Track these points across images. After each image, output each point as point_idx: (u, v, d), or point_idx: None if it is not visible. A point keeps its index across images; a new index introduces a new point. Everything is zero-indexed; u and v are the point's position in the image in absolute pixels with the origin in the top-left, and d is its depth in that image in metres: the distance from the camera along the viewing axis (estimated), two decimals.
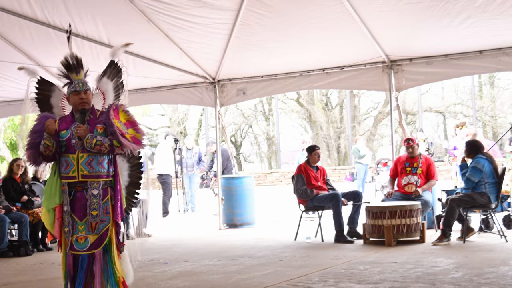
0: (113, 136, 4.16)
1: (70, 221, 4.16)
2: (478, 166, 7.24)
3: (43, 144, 4.12)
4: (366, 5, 7.17)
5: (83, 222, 4.17)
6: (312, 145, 8.64)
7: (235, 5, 7.35)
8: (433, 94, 25.88)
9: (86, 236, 4.16)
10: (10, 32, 8.13)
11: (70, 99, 4.25)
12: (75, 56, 4.33)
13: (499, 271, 5.34)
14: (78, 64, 4.31)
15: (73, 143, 4.16)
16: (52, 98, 4.46)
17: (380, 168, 15.16)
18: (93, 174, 4.18)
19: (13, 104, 10.79)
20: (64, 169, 4.17)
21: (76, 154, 4.15)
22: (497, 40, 7.67)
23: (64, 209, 4.17)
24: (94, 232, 4.17)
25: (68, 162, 4.16)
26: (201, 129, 28.45)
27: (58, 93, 4.46)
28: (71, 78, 4.29)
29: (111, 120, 4.17)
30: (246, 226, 10.03)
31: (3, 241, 7.79)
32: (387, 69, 8.56)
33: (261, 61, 8.89)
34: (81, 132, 4.14)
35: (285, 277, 5.52)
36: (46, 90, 4.46)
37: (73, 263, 4.17)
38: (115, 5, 7.35)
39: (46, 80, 4.48)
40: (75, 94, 4.22)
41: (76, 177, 4.15)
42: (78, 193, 4.17)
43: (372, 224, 7.37)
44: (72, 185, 4.17)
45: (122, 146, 4.16)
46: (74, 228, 4.17)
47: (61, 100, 4.45)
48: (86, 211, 4.16)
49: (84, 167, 4.15)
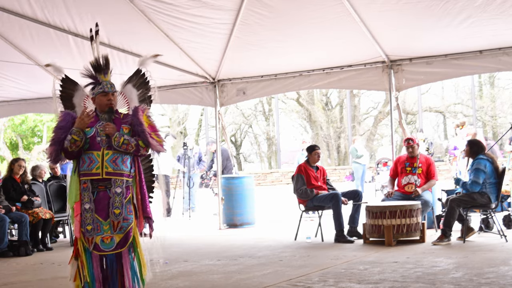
0: (140, 136, 4.23)
1: (95, 219, 4.14)
2: (480, 167, 7.23)
3: (69, 139, 4.10)
4: (366, 5, 7.17)
5: (107, 222, 4.17)
6: (312, 145, 8.64)
7: (235, 5, 7.35)
8: (433, 94, 25.89)
9: (112, 236, 4.17)
10: (10, 32, 8.13)
11: (97, 99, 4.28)
12: (104, 57, 4.36)
13: (499, 271, 5.34)
14: (106, 66, 4.34)
15: (98, 141, 4.18)
16: (74, 97, 4.47)
17: (380, 168, 15.16)
18: (117, 172, 4.19)
19: (13, 104, 10.80)
20: (87, 166, 4.16)
21: (101, 151, 4.18)
22: (497, 40, 7.67)
23: (86, 207, 4.15)
24: (117, 231, 4.17)
25: (92, 158, 4.16)
26: (201, 129, 28.45)
27: (81, 92, 4.47)
28: (99, 79, 4.32)
29: (141, 119, 4.24)
30: (246, 226, 10.03)
31: (3, 241, 7.79)
32: (387, 69, 8.56)
33: (261, 61, 8.89)
34: (110, 130, 4.17)
35: (285, 277, 5.52)
36: (70, 89, 4.47)
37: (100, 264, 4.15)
38: (115, 5, 7.35)
39: (70, 79, 4.48)
40: (103, 95, 4.26)
41: (100, 174, 4.16)
42: (101, 193, 4.17)
43: (372, 224, 7.37)
44: (94, 184, 4.16)
45: (149, 146, 4.24)
46: (99, 228, 4.15)
47: (84, 99, 4.46)
48: (109, 209, 4.16)
49: (109, 164, 4.17)
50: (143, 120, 4.24)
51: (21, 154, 20.66)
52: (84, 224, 4.15)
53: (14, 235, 8.65)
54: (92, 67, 4.33)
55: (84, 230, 4.15)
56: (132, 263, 4.25)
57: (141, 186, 4.32)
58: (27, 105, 10.78)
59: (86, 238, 4.15)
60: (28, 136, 22.01)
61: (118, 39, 8.27)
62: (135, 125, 4.26)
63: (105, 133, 4.18)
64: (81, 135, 4.13)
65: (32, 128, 21.61)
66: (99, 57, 4.34)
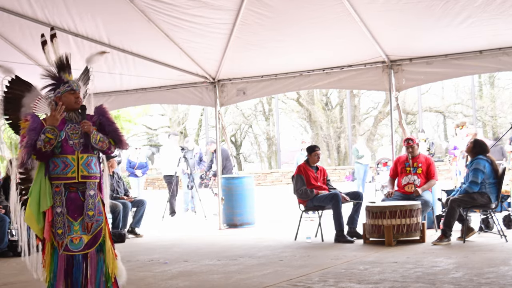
0: (111, 134, 4.28)
1: (66, 222, 4.15)
2: (479, 167, 7.22)
3: (43, 138, 4.07)
4: (366, 5, 7.17)
5: (78, 222, 4.18)
6: (312, 146, 8.62)
7: (235, 5, 7.35)
8: (433, 94, 25.90)
9: (81, 236, 4.18)
10: (10, 32, 8.14)
11: (64, 98, 4.25)
12: (67, 56, 4.34)
13: (499, 271, 5.34)
14: (69, 65, 4.34)
15: (71, 144, 4.18)
16: (25, 98, 4.40)
17: (380, 168, 15.16)
18: (92, 175, 4.24)
19: None
20: (62, 170, 4.15)
21: (76, 155, 4.18)
22: (497, 40, 7.67)
23: (57, 210, 4.14)
24: (90, 232, 4.19)
25: (67, 162, 4.16)
26: (201, 129, 28.46)
27: (33, 93, 4.41)
28: (63, 78, 4.30)
29: (111, 118, 4.30)
30: (246, 226, 10.03)
31: (3, 241, 7.79)
32: (387, 69, 8.56)
33: (261, 61, 8.89)
34: (89, 128, 4.18)
35: (285, 277, 5.52)
36: (19, 89, 4.40)
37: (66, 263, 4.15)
38: (115, 5, 7.36)
39: (22, 79, 4.43)
40: (71, 93, 4.25)
41: (75, 178, 4.17)
42: (72, 194, 4.18)
43: (372, 224, 7.37)
44: (66, 186, 4.17)
45: (121, 144, 4.31)
46: (69, 229, 4.16)
47: (35, 100, 4.40)
48: (82, 211, 4.18)
49: (84, 168, 4.19)
50: (113, 119, 4.32)
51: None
52: (55, 228, 4.14)
53: (14, 235, 8.64)
54: (56, 65, 4.31)
55: (54, 233, 4.14)
56: (100, 264, 4.24)
57: (101, 187, 4.37)
58: None
59: (56, 241, 4.15)
60: None
61: (118, 39, 8.27)
62: (105, 124, 4.31)
63: (84, 130, 4.18)
64: (55, 133, 4.10)
65: None
66: (62, 56, 4.32)
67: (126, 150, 4.51)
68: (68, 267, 4.15)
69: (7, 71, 4.42)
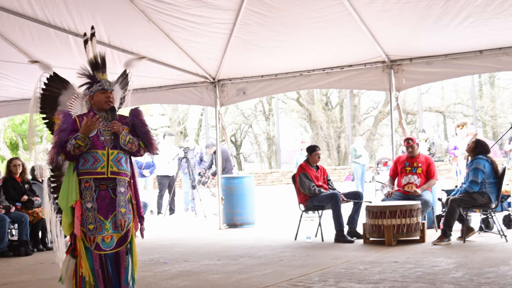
0: (142, 137, 4.29)
1: (97, 218, 4.12)
2: (479, 167, 7.22)
3: (74, 143, 4.07)
4: (366, 5, 7.17)
5: (109, 220, 4.16)
6: (312, 145, 8.62)
7: (235, 4, 7.35)
8: (433, 94, 25.92)
9: (112, 235, 4.16)
10: (10, 32, 8.13)
11: (95, 97, 4.25)
12: (102, 56, 4.34)
13: (499, 271, 5.34)
14: (103, 64, 4.33)
15: (102, 140, 4.17)
16: (61, 96, 4.42)
17: (380, 168, 15.16)
18: (121, 172, 4.22)
19: (13, 104, 10.79)
20: (91, 165, 4.13)
21: (106, 150, 4.17)
22: (497, 40, 7.67)
23: (88, 206, 4.12)
24: (123, 230, 4.18)
25: (97, 157, 4.14)
26: (201, 129, 28.47)
27: (70, 91, 4.43)
28: (97, 77, 4.30)
29: (144, 121, 4.32)
30: (246, 226, 10.03)
31: (3, 241, 7.79)
32: (387, 69, 8.56)
33: (261, 60, 8.89)
34: (118, 128, 4.18)
35: (285, 277, 5.52)
36: (56, 87, 4.41)
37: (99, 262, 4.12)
38: (115, 5, 7.35)
39: (59, 77, 4.43)
40: (102, 92, 4.25)
41: (105, 173, 4.15)
42: (103, 192, 4.16)
43: (372, 224, 7.37)
44: (96, 183, 4.14)
45: (151, 147, 4.33)
46: (101, 227, 4.13)
47: (72, 98, 4.42)
48: (113, 209, 4.16)
49: (113, 163, 4.17)
50: (146, 122, 4.32)
51: (21, 154, 20.64)
52: (85, 224, 4.12)
53: (14, 235, 8.65)
54: (90, 65, 4.31)
55: (85, 229, 4.12)
56: (128, 262, 4.26)
57: (135, 186, 4.36)
58: (27, 105, 10.64)
59: (87, 237, 4.12)
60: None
61: (118, 39, 8.27)
62: (138, 126, 4.31)
63: (113, 131, 4.17)
64: (86, 141, 4.10)
65: None
66: (97, 55, 4.33)
67: (155, 154, 4.48)
68: (101, 266, 4.13)
69: (45, 67, 4.42)
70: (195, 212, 12.17)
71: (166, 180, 12.85)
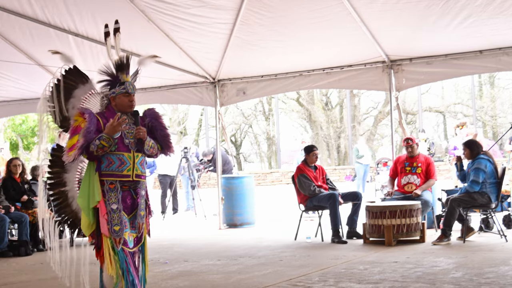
0: (161, 139, 4.29)
1: (123, 219, 4.10)
2: (480, 167, 7.22)
3: (98, 144, 4.01)
4: (366, 5, 7.17)
5: (129, 218, 4.17)
6: (310, 145, 8.61)
7: (235, 4, 7.35)
8: (433, 94, 25.88)
9: (131, 234, 4.18)
10: (10, 32, 8.14)
11: (117, 99, 4.19)
12: (127, 57, 4.27)
13: (499, 271, 5.34)
14: (127, 65, 4.27)
15: (126, 143, 4.14)
16: (77, 89, 4.32)
17: (380, 168, 15.15)
18: (142, 174, 4.24)
19: (13, 104, 10.80)
20: (118, 167, 4.10)
21: (132, 154, 4.16)
22: (497, 40, 7.68)
23: (113, 207, 4.08)
24: (140, 232, 4.20)
25: (124, 160, 4.12)
26: (201, 129, 28.45)
27: (87, 86, 4.35)
28: (121, 78, 4.22)
29: (164, 124, 4.31)
30: (246, 226, 10.03)
31: (3, 241, 7.79)
32: (387, 69, 8.56)
33: (261, 61, 8.89)
34: (144, 135, 4.16)
35: (285, 277, 5.52)
36: (73, 80, 4.31)
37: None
38: (115, 5, 7.35)
39: (79, 71, 4.35)
40: (125, 95, 4.19)
41: (130, 176, 4.14)
42: (125, 193, 4.16)
43: (372, 224, 7.37)
44: (120, 184, 4.12)
45: (169, 150, 4.34)
46: (126, 225, 4.12)
47: (87, 94, 4.34)
48: (133, 210, 4.17)
49: (138, 166, 4.18)
50: (165, 125, 4.32)
51: (21, 154, 20.65)
52: (110, 225, 4.08)
53: (14, 235, 8.65)
54: (116, 65, 4.22)
55: (111, 230, 4.08)
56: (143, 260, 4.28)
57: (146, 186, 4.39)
58: (27, 105, 10.77)
59: (113, 238, 4.08)
60: (28, 136, 21.98)
61: None
62: (158, 129, 4.31)
63: (138, 137, 4.14)
64: (110, 142, 4.04)
65: (32, 128, 21.59)
66: (122, 56, 4.24)
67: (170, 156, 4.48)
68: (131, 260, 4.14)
69: (67, 60, 4.34)
70: (195, 212, 12.17)
71: (167, 180, 12.84)
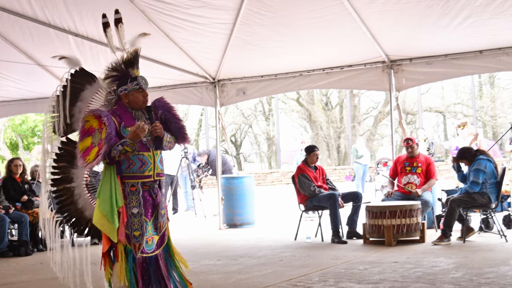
0: (176, 131, 4.13)
1: (143, 224, 3.93)
2: (480, 167, 7.22)
3: (120, 149, 3.85)
4: (366, 5, 7.17)
5: (150, 222, 4.00)
6: (310, 146, 8.61)
7: (235, 5, 7.35)
8: (433, 94, 25.90)
9: (153, 237, 4.01)
10: (10, 32, 8.13)
11: (130, 96, 4.03)
12: (136, 51, 4.12)
13: (499, 271, 5.34)
14: (137, 59, 4.12)
15: (144, 141, 3.96)
16: (84, 91, 4.18)
17: (380, 168, 15.16)
18: (161, 172, 4.09)
19: (13, 104, 10.80)
20: (139, 168, 3.94)
21: (152, 152, 4.00)
22: (497, 40, 7.67)
23: (133, 211, 3.91)
24: (160, 232, 4.05)
25: (144, 160, 3.96)
26: (201, 129, 28.45)
27: (95, 86, 4.20)
28: (131, 73, 4.07)
29: (177, 115, 4.13)
30: (246, 226, 10.03)
31: (3, 241, 7.79)
32: (387, 69, 8.56)
33: (261, 61, 8.89)
34: (161, 132, 4.00)
35: (285, 277, 5.52)
36: (79, 83, 4.17)
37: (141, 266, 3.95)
38: (115, 5, 7.31)
39: (86, 72, 4.22)
40: (139, 91, 4.05)
41: (151, 176, 3.99)
42: (145, 193, 3.98)
43: (372, 224, 7.37)
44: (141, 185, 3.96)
45: (184, 140, 4.16)
46: (145, 230, 3.96)
47: (95, 92, 4.20)
48: (154, 210, 4.01)
49: (158, 165, 4.03)
50: (179, 116, 4.15)
51: (21, 154, 20.66)
52: (130, 229, 3.91)
53: (14, 235, 8.65)
54: (126, 60, 4.07)
55: (130, 235, 3.92)
56: (168, 263, 4.14)
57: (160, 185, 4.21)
58: (27, 105, 10.78)
59: (132, 244, 3.92)
60: (28, 136, 21.99)
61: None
62: (172, 122, 4.13)
63: (156, 135, 3.98)
64: (134, 147, 3.88)
65: (32, 128, 21.60)
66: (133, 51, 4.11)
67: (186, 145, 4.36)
68: (143, 269, 3.96)
69: (73, 63, 4.22)
70: (195, 212, 12.16)
71: (168, 179, 12.84)
